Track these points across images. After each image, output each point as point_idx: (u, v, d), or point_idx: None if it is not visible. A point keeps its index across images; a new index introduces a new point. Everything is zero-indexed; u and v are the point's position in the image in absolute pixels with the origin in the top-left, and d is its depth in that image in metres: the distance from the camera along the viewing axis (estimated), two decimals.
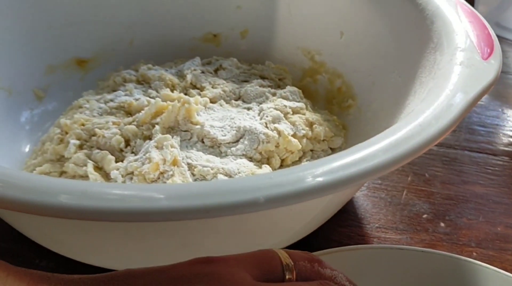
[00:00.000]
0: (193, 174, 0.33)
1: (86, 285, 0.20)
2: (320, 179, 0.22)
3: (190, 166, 0.33)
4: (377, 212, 0.40)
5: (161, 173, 0.32)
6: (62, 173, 0.35)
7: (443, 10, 0.33)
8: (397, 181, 0.42)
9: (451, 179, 0.43)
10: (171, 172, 0.32)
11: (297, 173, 0.22)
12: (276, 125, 0.36)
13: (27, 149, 0.40)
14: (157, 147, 0.33)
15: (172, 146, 0.33)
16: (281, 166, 0.37)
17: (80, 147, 0.35)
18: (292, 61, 0.46)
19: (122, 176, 0.33)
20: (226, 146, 0.36)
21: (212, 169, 0.33)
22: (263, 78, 0.43)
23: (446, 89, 0.27)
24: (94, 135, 0.35)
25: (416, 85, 0.33)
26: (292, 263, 0.23)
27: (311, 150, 0.38)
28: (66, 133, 0.36)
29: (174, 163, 0.32)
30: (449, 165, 0.44)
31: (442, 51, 0.31)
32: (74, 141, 0.35)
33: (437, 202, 0.41)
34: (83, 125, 0.36)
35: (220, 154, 0.36)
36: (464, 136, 0.47)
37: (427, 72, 0.32)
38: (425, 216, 0.40)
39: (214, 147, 0.36)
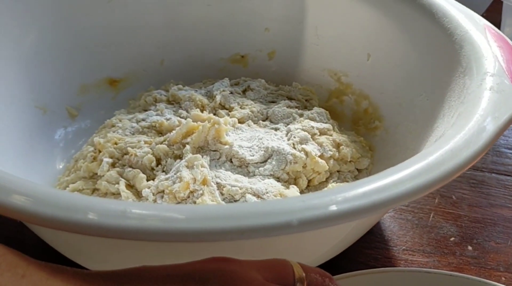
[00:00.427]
0: (221, 194, 0.34)
1: (103, 279, 0.21)
2: (352, 203, 0.22)
3: (219, 186, 0.34)
4: (404, 234, 0.40)
5: (191, 192, 0.33)
6: (94, 191, 0.36)
7: (472, 35, 0.34)
8: (424, 203, 0.42)
9: (478, 202, 0.43)
10: (200, 191, 0.33)
11: (329, 197, 0.22)
12: (303, 146, 0.37)
13: (61, 166, 0.41)
14: (187, 167, 0.34)
15: (202, 166, 0.34)
16: (308, 187, 0.37)
17: (113, 165, 0.36)
18: (318, 82, 0.47)
19: (153, 194, 0.33)
20: (254, 166, 0.36)
21: (240, 189, 0.34)
22: (290, 99, 0.44)
23: (476, 114, 0.27)
24: (127, 153, 0.36)
25: (444, 108, 0.33)
26: (304, 274, 0.23)
27: (338, 171, 0.39)
28: (99, 151, 0.37)
29: (204, 182, 0.33)
30: (477, 187, 0.44)
31: (471, 76, 0.31)
32: (107, 159, 0.36)
33: (464, 225, 0.41)
34: (116, 143, 0.37)
35: (248, 174, 0.36)
36: (491, 158, 0.47)
37: (456, 96, 0.32)
38: (452, 239, 0.39)
39: (242, 167, 0.36)
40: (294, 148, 0.37)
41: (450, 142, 0.25)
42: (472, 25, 0.35)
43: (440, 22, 0.36)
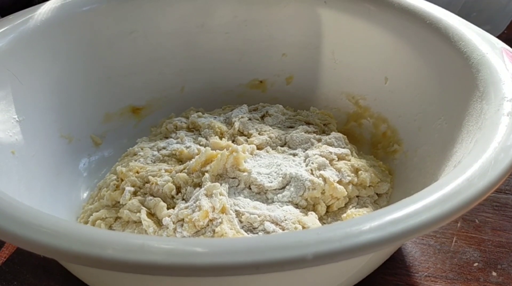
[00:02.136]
0: (240, 221, 0.34)
1: None
2: (368, 236, 0.22)
3: (238, 213, 0.34)
4: (426, 259, 0.39)
5: (210, 220, 0.33)
6: (117, 219, 0.37)
7: (489, 59, 0.34)
8: (446, 227, 0.42)
9: (502, 226, 0.42)
10: (220, 220, 0.33)
11: (345, 229, 0.22)
12: (321, 172, 0.37)
13: (85, 195, 0.42)
14: (206, 195, 0.34)
15: (221, 194, 0.34)
16: (327, 213, 0.37)
17: (135, 193, 0.37)
18: (336, 105, 0.47)
19: (173, 222, 0.34)
20: (272, 192, 0.37)
21: (259, 216, 0.34)
22: (308, 123, 0.44)
23: (494, 141, 0.27)
24: (148, 182, 0.37)
25: (463, 133, 0.33)
26: None
27: (357, 196, 0.39)
28: (122, 180, 0.38)
29: (223, 210, 0.33)
30: (500, 210, 0.43)
31: (488, 101, 0.31)
32: (129, 188, 0.37)
33: (488, 250, 0.40)
34: (137, 172, 0.38)
35: (266, 201, 0.36)
36: None
37: (473, 121, 0.32)
38: (476, 264, 0.39)
39: (261, 194, 0.37)
40: (312, 174, 0.37)
41: (467, 171, 0.25)
42: (489, 48, 0.35)
43: (456, 46, 0.36)
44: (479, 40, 0.35)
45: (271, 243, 0.22)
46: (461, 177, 0.25)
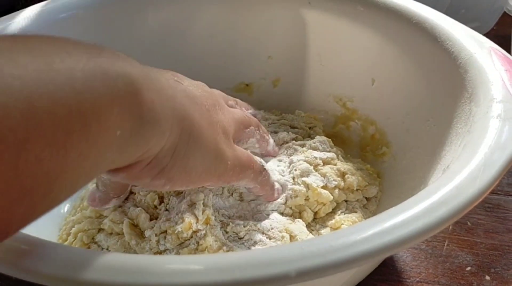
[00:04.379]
0: (226, 232, 0.33)
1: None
2: (353, 249, 0.21)
3: (223, 224, 0.33)
4: (418, 265, 0.38)
5: (194, 232, 0.32)
6: (100, 230, 0.36)
7: (477, 58, 0.33)
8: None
9: (495, 228, 0.41)
10: (204, 232, 0.32)
11: (329, 243, 0.21)
12: (304, 178, 0.36)
13: (67, 206, 0.41)
14: (190, 206, 0.33)
15: (205, 204, 0.33)
16: (315, 218, 0.36)
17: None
18: (324, 107, 0.46)
19: (156, 235, 0.33)
20: (254, 202, 0.36)
21: (244, 226, 0.33)
22: (293, 127, 0.43)
23: (483, 145, 0.26)
24: (132, 192, 0.36)
25: (452, 135, 0.32)
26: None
27: (346, 201, 0.38)
28: None
29: (207, 222, 0.32)
30: (492, 212, 0.42)
31: (477, 103, 0.30)
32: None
33: (481, 253, 0.39)
34: None
35: (251, 209, 0.35)
36: (507, 180, 0.45)
37: (462, 123, 0.31)
38: (468, 268, 0.38)
39: (244, 201, 0.36)
40: (294, 181, 0.36)
41: (456, 178, 0.24)
42: (478, 48, 0.34)
43: (443, 45, 0.35)
44: (466, 39, 0.35)
45: (253, 260, 0.21)
46: (450, 184, 0.24)
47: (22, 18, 0.41)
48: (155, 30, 0.46)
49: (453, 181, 0.24)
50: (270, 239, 0.33)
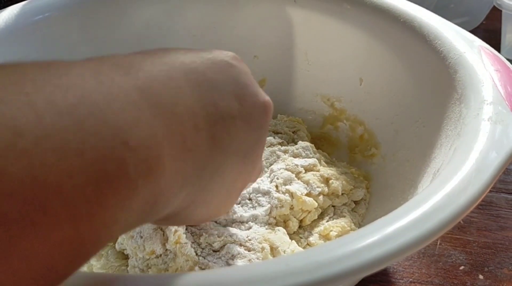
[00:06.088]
0: (199, 244, 0.31)
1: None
2: (341, 265, 0.20)
3: (195, 235, 0.31)
4: (410, 265, 0.38)
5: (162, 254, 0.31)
6: None
7: (467, 58, 0.32)
8: None
9: (487, 226, 0.41)
10: (172, 254, 0.30)
11: (316, 258, 0.21)
12: (287, 186, 0.35)
13: None
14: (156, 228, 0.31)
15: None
16: (300, 227, 0.35)
17: None
18: (312, 108, 0.45)
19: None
20: (231, 212, 0.34)
21: (219, 236, 0.31)
22: (276, 133, 0.42)
23: (474, 149, 0.25)
24: None
25: (442, 137, 0.31)
26: None
27: (333, 206, 0.37)
28: None
29: (177, 241, 0.30)
30: (485, 209, 0.42)
31: (467, 104, 0.29)
32: None
33: (474, 252, 0.39)
34: None
35: (227, 219, 0.34)
36: (499, 177, 0.45)
37: (452, 125, 0.30)
38: (462, 267, 0.37)
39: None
40: (278, 190, 0.35)
41: (447, 185, 0.24)
42: (467, 47, 0.33)
43: (432, 45, 0.34)
44: (456, 38, 0.34)
45: (232, 278, 0.20)
46: (441, 192, 0.23)
47: (1, 19, 0.39)
48: (137, 30, 0.45)
49: (445, 189, 0.23)
50: (249, 251, 0.31)
